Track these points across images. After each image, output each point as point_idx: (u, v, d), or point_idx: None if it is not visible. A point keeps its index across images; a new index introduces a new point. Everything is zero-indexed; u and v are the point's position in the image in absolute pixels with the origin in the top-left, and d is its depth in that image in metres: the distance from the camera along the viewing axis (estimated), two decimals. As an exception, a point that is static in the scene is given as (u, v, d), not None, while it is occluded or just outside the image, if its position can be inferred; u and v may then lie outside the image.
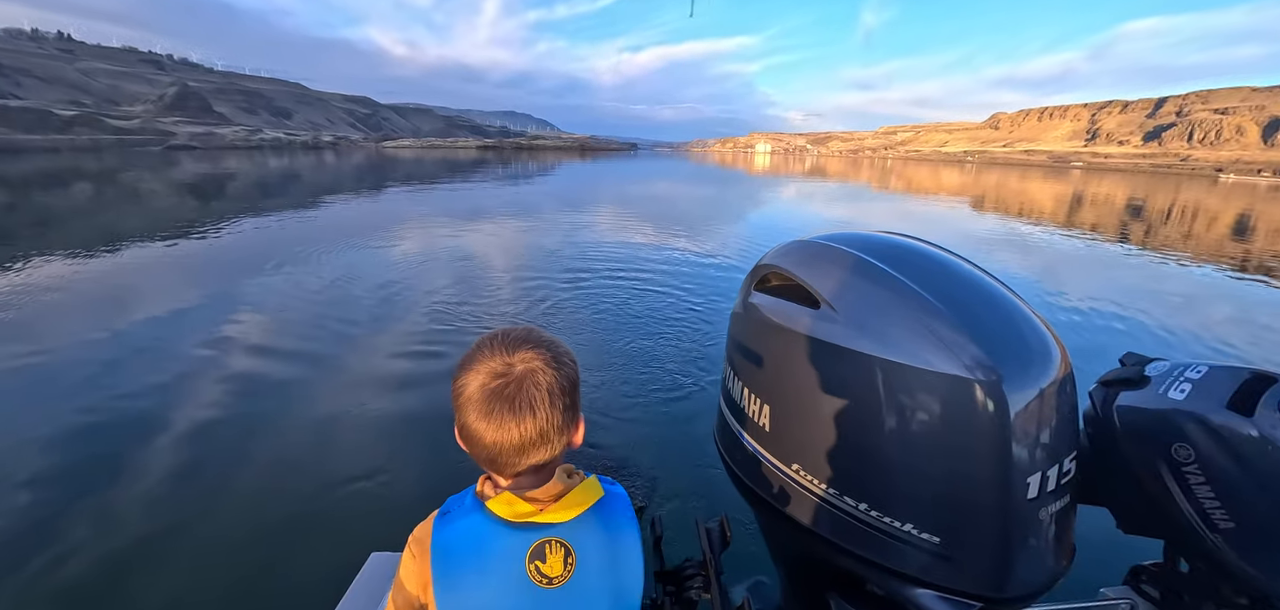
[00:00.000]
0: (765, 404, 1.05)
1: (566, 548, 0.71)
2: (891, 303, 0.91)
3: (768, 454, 1.06)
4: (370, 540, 1.44)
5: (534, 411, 0.70)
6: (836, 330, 0.93)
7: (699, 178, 33.67)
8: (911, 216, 16.44)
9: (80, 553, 2.39)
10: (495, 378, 0.71)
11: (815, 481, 0.97)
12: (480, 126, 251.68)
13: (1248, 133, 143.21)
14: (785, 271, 1.08)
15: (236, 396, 3.81)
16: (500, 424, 0.70)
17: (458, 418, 0.73)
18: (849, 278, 0.97)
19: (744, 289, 1.22)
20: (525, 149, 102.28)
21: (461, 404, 0.72)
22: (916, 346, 0.85)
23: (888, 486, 0.89)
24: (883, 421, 0.87)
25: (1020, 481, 0.83)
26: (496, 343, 0.74)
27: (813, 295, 0.99)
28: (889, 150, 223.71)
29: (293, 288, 6.49)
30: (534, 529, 0.71)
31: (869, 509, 0.90)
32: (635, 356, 4.64)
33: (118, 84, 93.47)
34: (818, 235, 1.15)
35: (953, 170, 63.38)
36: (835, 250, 1.05)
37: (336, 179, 24.56)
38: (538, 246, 9.39)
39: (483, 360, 0.72)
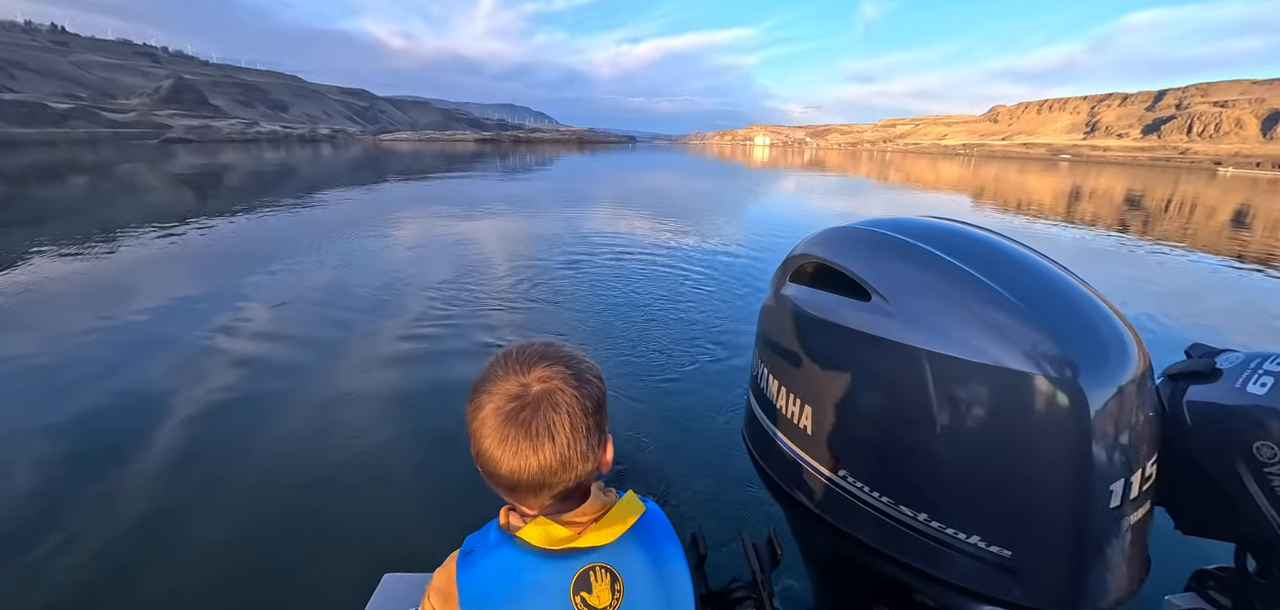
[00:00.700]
0: (806, 404, 0.98)
1: (612, 573, 0.65)
2: (952, 293, 0.83)
3: (810, 458, 0.98)
4: (379, 558, 1.43)
5: (553, 437, 0.64)
6: (890, 324, 0.85)
7: (698, 171, 33.61)
8: (910, 209, 16.43)
9: (79, 545, 2.38)
10: (510, 400, 0.65)
11: (865, 489, 0.90)
12: (478, 119, 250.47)
13: (1247, 126, 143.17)
14: (827, 261, 1.01)
15: (237, 396, 3.80)
16: (517, 452, 0.64)
17: (473, 445, 0.68)
18: (902, 267, 0.90)
19: (777, 280, 1.15)
20: (523, 142, 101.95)
21: (475, 430, 0.67)
22: (982, 340, 0.78)
23: (950, 495, 0.82)
24: (943, 423, 0.80)
25: (1102, 488, 0.77)
26: (511, 361, 0.68)
27: (861, 286, 0.92)
28: (888, 143, 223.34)
29: (298, 282, 6.48)
30: (575, 556, 0.65)
31: (929, 519, 0.84)
32: (644, 353, 4.63)
33: (113, 77, 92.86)
34: (862, 221, 1.07)
35: (951, 163, 63.29)
36: (885, 237, 0.97)
37: (336, 172, 24.47)
38: (540, 240, 9.37)
39: (497, 381, 0.67)
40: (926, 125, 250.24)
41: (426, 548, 2.30)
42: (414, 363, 4.32)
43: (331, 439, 3.25)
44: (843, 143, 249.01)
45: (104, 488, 2.77)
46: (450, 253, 8.23)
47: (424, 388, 3.89)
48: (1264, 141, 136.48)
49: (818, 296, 1.00)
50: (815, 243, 1.08)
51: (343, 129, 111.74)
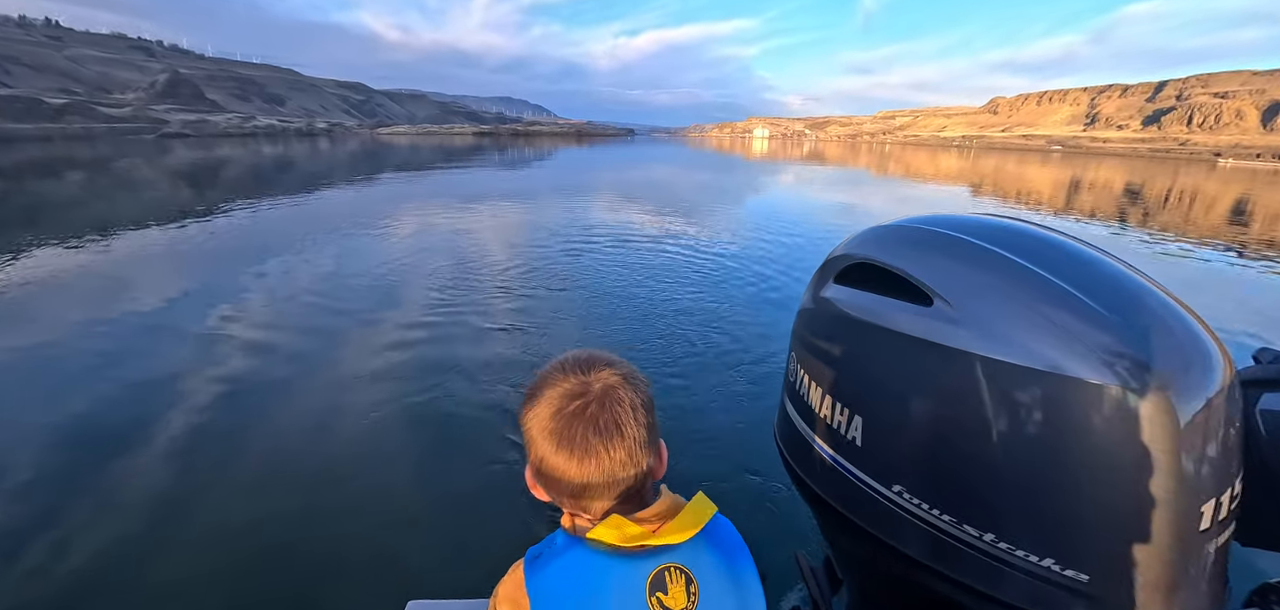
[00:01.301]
0: (856, 415, 0.93)
1: (687, 574, 0.63)
2: (1024, 298, 0.78)
3: (857, 469, 0.93)
4: (398, 583, 1.41)
5: (621, 431, 0.64)
6: (955, 331, 0.80)
7: (698, 164, 33.52)
8: (910, 200, 16.43)
9: (79, 544, 2.37)
10: (572, 399, 0.65)
11: (922, 505, 0.85)
12: (476, 112, 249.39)
13: (1247, 117, 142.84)
14: (880, 262, 0.94)
15: (239, 394, 3.80)
16: (586, 448, 0.63)
17: (532, 454, 0.67)
18: (967, 269, 0.84)
19: (817, 282, 1.10)
20: (521, 135, 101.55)
21: (536, 436, 0.66)
22: (1058, 349, 0.73)
23: (1019, 515, 0.77)
24: (1014, 438, 0.75)
25: (1191, 509, 0.72)
26: (568, 365, 0.68)
27: (921, 289, 0.86)
28: (887, 135, 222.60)
29: (300, 277, 6.48)
30: (650, 555, 0.63)
31: (996, 540, 0.78)
32: (652, 347, 4.63)
33: (108, 71, 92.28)
34: (916, 218, 1.00)
35: (951, 155, 63.22)
36: (945, 236, 0.90)
37: (334, 166, 24.38)
38: (543, 233, 9.36)
39: (554, 383, 0.66)
40: (926, 117, 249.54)
41: (451, 571, 2.28)
42: (420, 360, 4.31)
43: (342, 448, 3.21)
44: (842, 135, 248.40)
45: (104, 486, 2.76)
46: (452, 246, 8.22)
47: (442, 396, 3.75)
48: (1264, 133, 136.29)
49: (869, 300, 0.94)
50: (864, 242, 1.02)
51: (340, 123, 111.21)
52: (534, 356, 4.33)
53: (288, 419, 3.41)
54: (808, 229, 10.23)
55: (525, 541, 0.63)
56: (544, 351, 4.41)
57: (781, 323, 5.27)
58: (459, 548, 2.42)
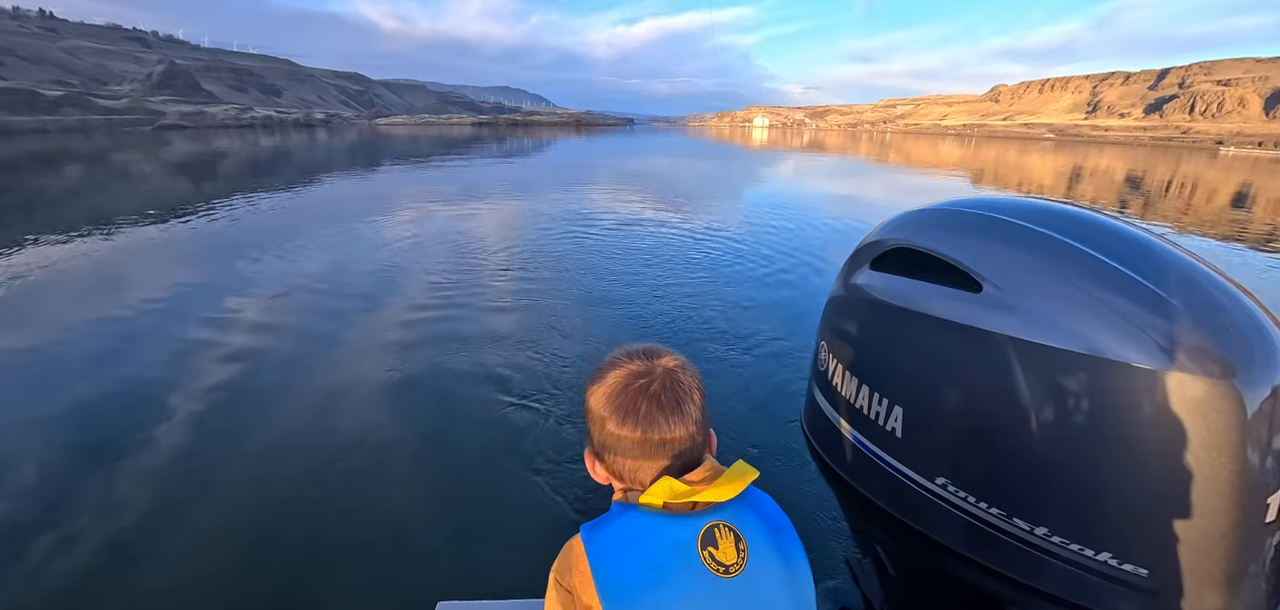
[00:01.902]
0: (896, 406, 0.90)
1: (735, 532, 0.65)
2: (1080, 283, 0.74)
3: (901, 465, 0.90)
4: (426, 585, 1.39)
5: (682, 409, 0.68)
6: (1009, 319, 0.76)
7: (698, 153, 33.41)
8: (910, 191, 16.38)
9: (80, 540, 2.37)
10: (638, 378, 0.69)
11: (971, 500, 0.81)
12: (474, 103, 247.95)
13: (1249, 104, 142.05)
14: (922, 247, 0.90)
15: (251, 388, 3.81)
16: (650, 422, 0.67)
17: (596, 432, 0.71)
18: (1020, 254, 0.80)
19: (849, 269, 1.07)
20: (520, 125, 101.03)
21: (602, 411, 0.69)
22: (1117, 337, 0.70)
23: (1078, 509, 0.74)
24: (1070, 429, 0.72)
25: (1258, 502, 0.68)
26: (633, 353, 0.72)
27: (969, 275, 0.82)
28: (888, 124, 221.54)
29: (304, 272, 6.47)
30: (699, 513, 0.66)
31: (1049, 534, 0.76)
32: (664, 338, 4.64)
33: (103, 63, 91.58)
34: (959, 201, 0.96)
35: (952, 143, 62.94)
36: (994, 220, 0.85)
37: (333, 157, 24.27)
38: (546, 226, 9.35)
39: (620, 366, 0.71)
40: (927, 105, 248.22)
41: (477, 571, 2.27)
42: (431, 360, 4.29)
43: (357, 442, 3.21)
44: (842, 124, 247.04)
45: (104, 482, 2.74)
46: (453, 241, 8.21)
47: (459, 392, 3.72)
48: (1266, 121, 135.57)
49: (911, 286, 0.90)
50: (903, 227, 0.98)
51: (338, 113, 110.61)
52: (544, 351, 4.33)
53: (302, 411, 3.43)
54: (810, 217, 10.21)
55: (550, 538, 0.66)
56: (555, 345, 4.42)
57: (792, 310, 5.29)
58: (485, 546, 2.42)
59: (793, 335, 4.64)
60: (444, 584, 2.19)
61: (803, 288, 6.00)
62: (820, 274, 6.52)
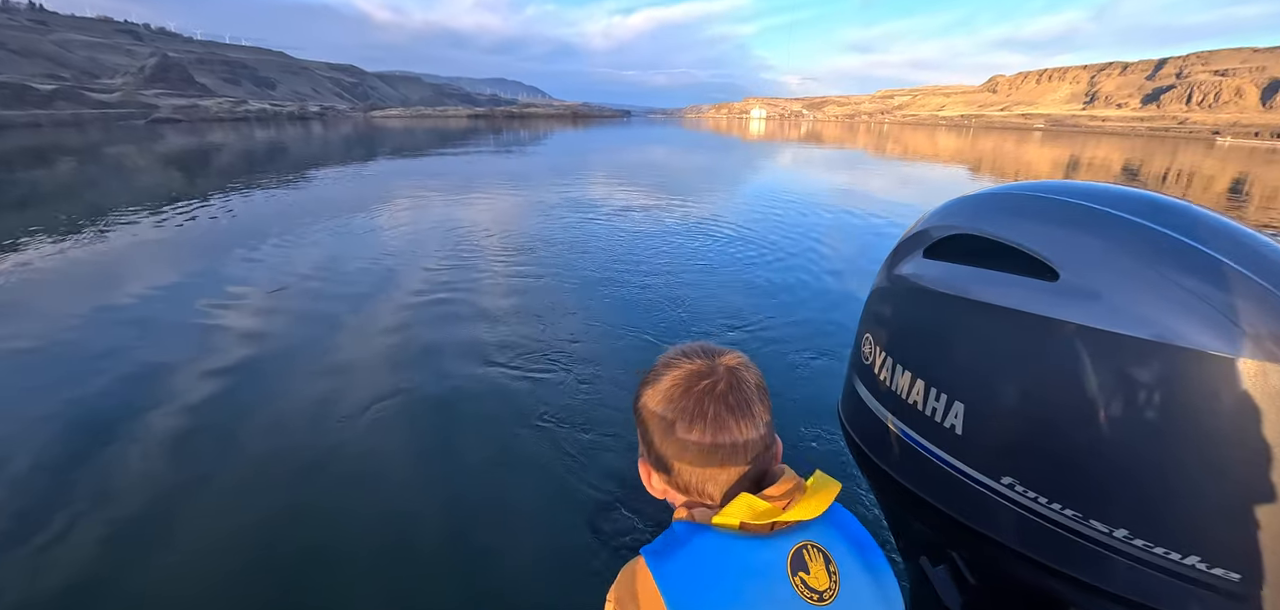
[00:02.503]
0: (956, 402, 0.85)
1: (825, 553, 0.59)
2: (1169, 272, 0.69)
3: (961, 463, 0.86)
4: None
5: (750, 408, 0.62)
6: (1091, 308, 0.72)
7: (695, 145, 33.33)
8: (907, 182, 16.39)
9: (80, 537, 2.36)
10: (701, 378, 0.62)
11: (1043, 501, 0.77)
12: (470, 95, 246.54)
13: (1246, 95, 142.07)
14: (985, 234, 0.86)
15: (241, 391, 3.79)
16: (718, 424, 0.61)
17: (654, 440, 0.64)
18: (1101, 241, 0.75)
19: (898, 257, 1.03)
20: (516, 117, 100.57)
21: (662, 416, 0.63)
22: (1211, 329, 0.66)
23: (1161, 509, 0.70)
24: (1157, 426, 0.68)
25: None
26: (689, 352, 0.66)
27: (1043, 262, 0.78)
28: (886, 115, 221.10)
29: (307, 267, 6.46)
30: (784, 533, 0.59)
31: (1130, 536, 0.72)
32: (673, 329, 4.65)
33: (95, 56, 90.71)
34: (1024, 185, 0.91)
35: (949, 134, 62.93)
36: (1067, 204, 0.81)
37: (329, 151, 24.14)
38: (548, 220, 9.33)
39: (678, 365, 0.64)
40: (924, 96, 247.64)
41: (481, 570, 2.25)
42: (433, 356, 4.28)
43: (355, 443, 3.19)
44: (840, 115, 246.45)
45: (104, 480, 2.73)
46: (455, 235, 8.19)
47: (462, 388, 3.68)
48: (1263, 111, 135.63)
49: (975, 275, 0.85)
50: (962, 213, 0.93)
51: (332, 106, 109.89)
52: (555, 346, 4.33)
53: (302, 407, 3.42)
54: (811, 209, 10.21)
55: (558, 535, 0.64)
56: (565, 341, 4.41)
57: (794, 300, 5.30)
58: (488, 545, 2.41)
59: (798, 323, 4.66)
60: (446, 585, 2.19)
61: (806, 277, 6.01)
62: (824, 260, 6.53)
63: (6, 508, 2.53)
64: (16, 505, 2.55)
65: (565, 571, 2.28)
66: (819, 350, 4.19)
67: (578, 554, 2.34)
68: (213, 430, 3.16)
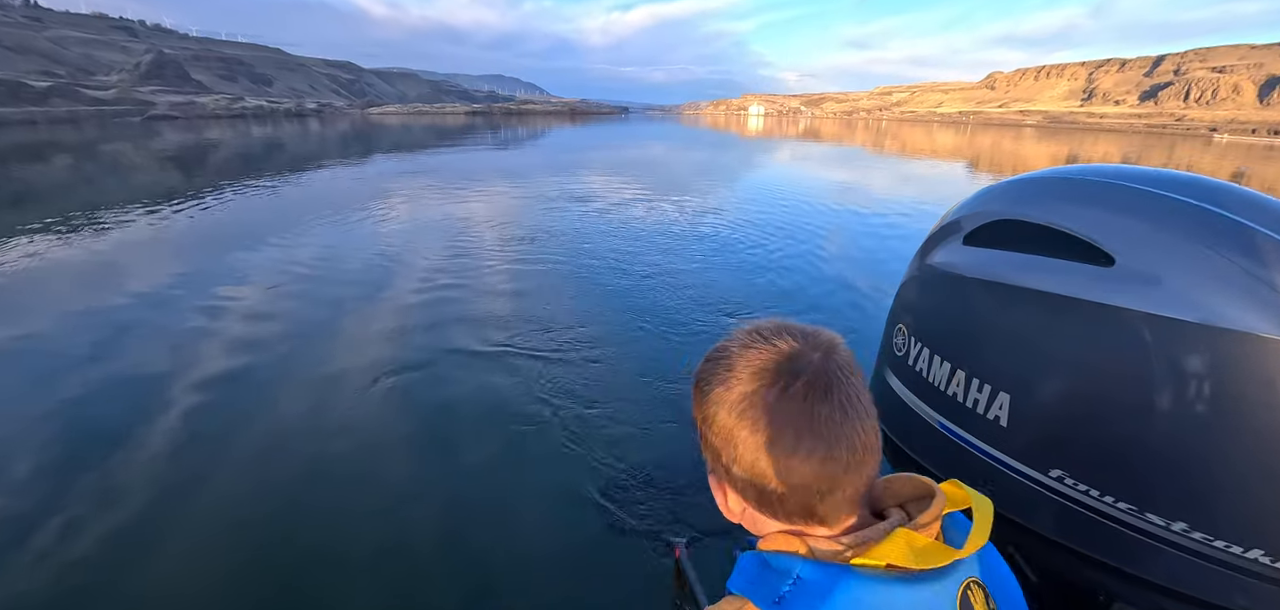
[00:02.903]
0: (1000, 392, 0.81)
1: (983, 589, 0.50)
2: (1235, 257, 0.65)
3: (1005, 455, 0.82)
4: None
5: (862, 399, 0.49)
6: (1149, 294, 0.68)
7: (693, 142, 33.32)
8: (912, 179, 16.40)
9: (79, 533, 2.34)
10: (796, 374, 0.48)
11: (1095, 494, 0.74)
12: (467, 91, 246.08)
13: (1244, 92, 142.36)
14: (1032, 219, 0.83)
15: (243, 386, 3.78)
16: (833, 435, 0.46)
17: (739, 457, 0.49)
18: (1157, 225, 0.71)
19: (932, 244, 0.99)
20: (514, 114, 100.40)
21: (743, 425, 0.48)
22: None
23: (1220, 500, 0.66)
24: (1226, 416, 0.64)
25: None
26: (767, 332, 0.51)
27: (1096, 248, 0.74)
28: (884, 111, 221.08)
29: (308, 259, 6.45)
30: (943, 572, 0.48)
31: (1189, 529, 0.68)
32: (682, 321, 4.63)
33: (90, 53, 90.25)
34: (1071, 170, 0.87)
35: (948, 131, 62.95)
36: (1122, 188, 0.77)
37: (327, 147, 24.08)
38: (551, 215, 9.33)
39: (756, 352, 0.50)
40: (923, 93, 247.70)
41: (486, 571, 2.24)
42: (434, 352, 4.25)
43: (356, 437, 3.18)
44: (838, 111, 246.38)
45: (104, 478, 2.71)
46: (454, 230, 8.18)
47: (466, 383, 3.68)
48: (1260, 108, 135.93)
49: (1022, 262, 0.82)
50: (1004, 198, 0.89)
51: (329, 103, 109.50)
52: (556, 338, 4.33)
53: (303, 403, 3.42)
54: (811, 202, 10.23)
55: (562, 533, 0.54)
56: (567, 332, 4.41)
57: (799, 283, 5.31)
58: (494, 543, 2.40)
59: (803, 314, 4.66)
60: (450, 585, 2.18)
61: (807, 268, 6.02)
62: (825, 254, 6.54)
63: (5, 509, 2.52)
64: (15, 506, 2.53)
65: (568, 561, 2.28)
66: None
67: (581, 544, 2.36)
68: (213, 427, 3.15)
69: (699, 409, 0.52)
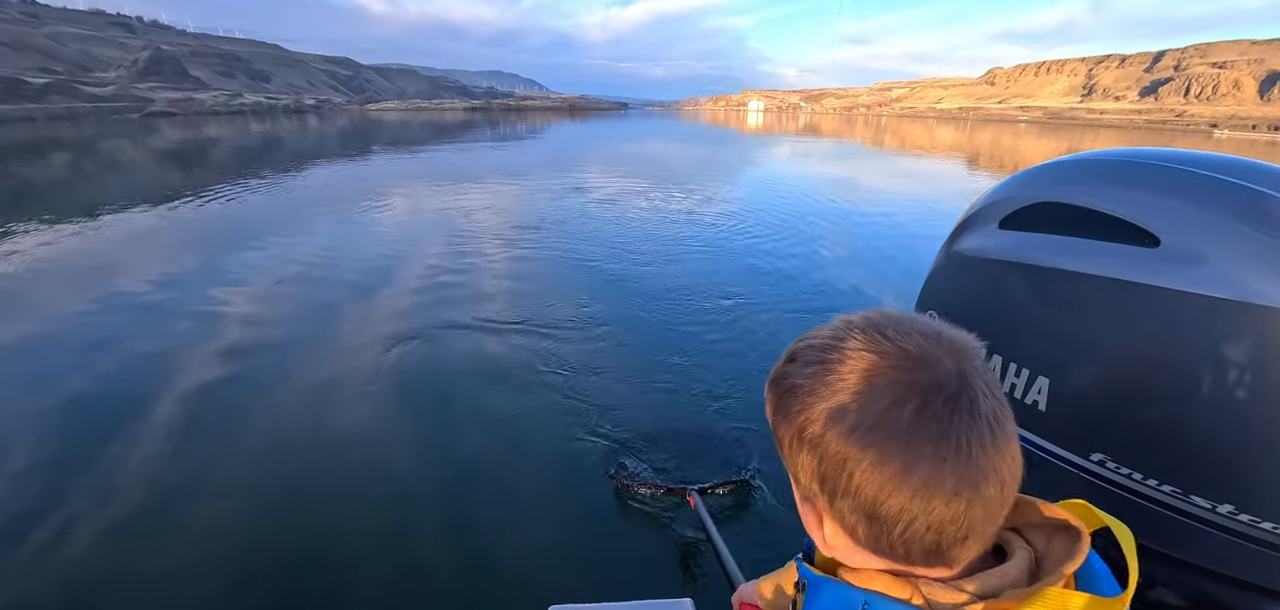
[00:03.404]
0: (1039, 376, 0.82)
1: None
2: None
3: (1044, 440, 0.84)
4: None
5: (1008, 423, 0.40)
6: (1197, 274, 0.69)
7: (692, 138, 33.26)
8: (912, 174, 16.42)
9: (79, 531, 2.33)
10: (929, 382, 0.38)
11: (1138, 477, 0.74)
12: (466, 87, 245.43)
13: (1244, 87, 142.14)
14: (1073, 202, 0.83)
15: (245, 383, 3.78)
16: (979, 461, 0.37)
17: (849, 484, 0.40)
18: (1203, 205, 0.72)
19: (963, 229, 0.99)
20: (513, 110, 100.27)
21: (864, 445, 0.38)
22: None
23: (1267, 480, 0.67)
24: (1266, 393, 0.65)
25: None
26: (883, 325, 0.42)
27: (1141, 229, 0.75)
28: (883, 107, 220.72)
29: (316, 256, 6.47)
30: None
31: (1236, 511, 0.69)
32: (689, 317, 4.65)
33: (88, 49, 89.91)
34: (1109, 153, 0.88)
35: (947, 127, 62.88)
36: (1165, 169, 0.77)
37: (328, 144, 24.05)
38: (551, 210, 9.34)
39: (870, 353, 0.40)
40: (922, 89, 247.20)
41: (492, 571, 2.20)
42: (437, 348, 4.24)
43: (357, 433, 3.16)
44: (838, 107, 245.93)
45: (104, 473, 2.70)
46: (455, 224, 8.17)
47: (468, 380, 3.66)
48: (1260, 104, 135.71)
49: (1065, 244, 0.82)
50: (1043, 181, 0.90)
51: (328, 99, 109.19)
52: (556, 327, 4.34)
53: (303, 399, 3.43)
54: (811, 197, 10.25)
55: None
56: (568, 325, 4.42)
57: (800, 267, 5.33)
58: (499, 542, 2.36)
59: (802, 304, 4.69)
60: (454, 586, 2.17)
61: (808, 261, 6.04)
62: (824, 249, 6.57)
63: (5, 505, 2.49)
64: (15, 501, 2.51)
65: (574, 542, 2.33)
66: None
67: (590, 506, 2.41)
68: (213, 421, 3.16)
69: (786, 420, 0.43)
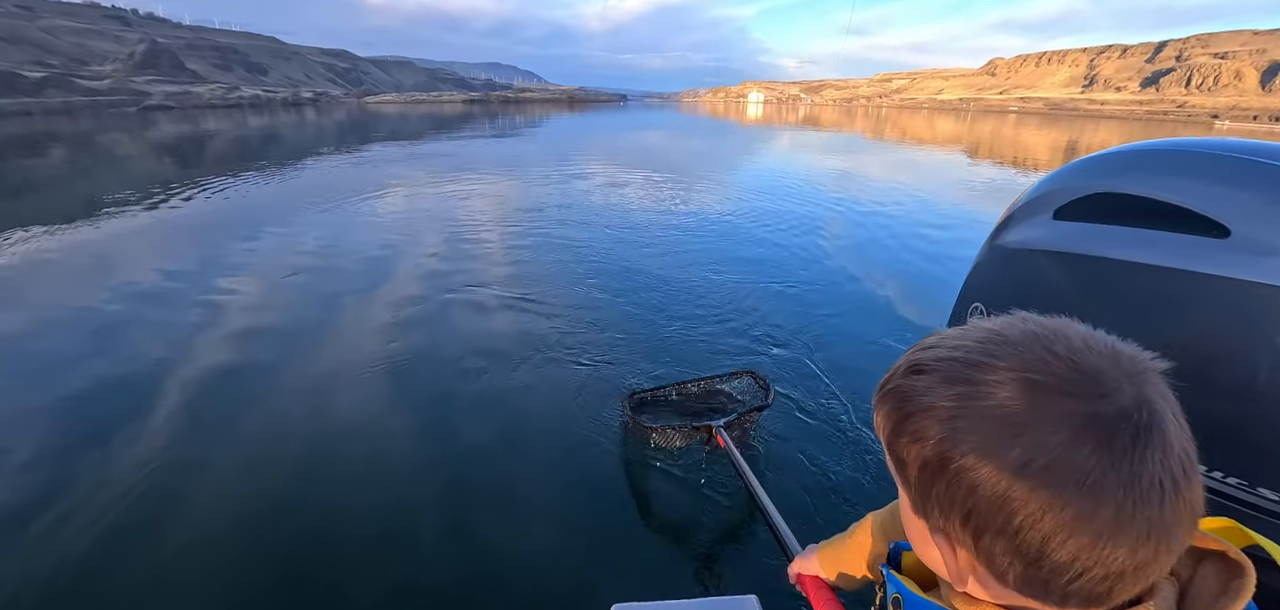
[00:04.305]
0: None
1: None
2: None
3: None
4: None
5: (1193, 455, 0.35)
6: (1271, 266, 0.67)
7: (692, 130, 33.14)
8: (912, 167, 16.36)
9: (79, 529, 2.32)
10: (1111, 413, 0.32)
11: (1202, 470, 0.66)
12: (465, 79, 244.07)
13: (1246, 78, 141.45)
14: (1133, 193, 0.81)
15: (247, 380, 3.79)
16: (1171, 508, 0.32)
17: (1010, 522, 0.33)
18: (1277, 202, 0.70)
19: (1012, 221, 0.97)
20: (512, 102, 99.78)
21: (1032, 488, 0.32)
22: None
23: None
24: None
25: None
26: (1060, 341, 0.36)
27: (1206, 219, 0.73)
28: (883, 98, 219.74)
29: (316, 250, 6.46)
30: None
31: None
32: (691, 316, 4.64)
33: (83, 42, 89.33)
34: (1167, 142, 0.86)
35: (947, 118, 62.64)
36: (1227, 158, 0.75)
37: (326, 137, 23.94)
38: (552, 208, 9.32)
39: (1045, 369, 0.34)
40: (923, 80, 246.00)
41: (494, 570, 2.16)
42: (436, 348, 4.25)
43: (358, 432, 3.19)
44: (838, 98, 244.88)
45: (103, 468, 2.69)
46: (454, 218, 8.17)
47: (470, 378, 3.59)
48: (1262, 94, 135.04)
49: (1129, 235, 0.80)
50: (1098, 171, 0.87)
51: (325, 92, 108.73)
52: (557, 322, 4.34)
53: (303, 398, 3.43)
54: (810, 193, 10.22)
55: (571, 529, 0.51)
56: (572, 320, 4.42)
57: (798, 258, 5.32)
58: (503, 540, 2.33)
59: (828, 299, 4.69)
60: (456, 588, 2.15)
61: (805, 256, 6.03)
62: (825, 245, 6.55)
63: (4, 499, 2.50)
64: (15, 493, 2.52)
65: (577, 540, 2.32)
66: (839, 331, 4.19)
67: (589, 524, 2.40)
68: (212, 416, 3.15)
69: (916, 442, 0.37)
